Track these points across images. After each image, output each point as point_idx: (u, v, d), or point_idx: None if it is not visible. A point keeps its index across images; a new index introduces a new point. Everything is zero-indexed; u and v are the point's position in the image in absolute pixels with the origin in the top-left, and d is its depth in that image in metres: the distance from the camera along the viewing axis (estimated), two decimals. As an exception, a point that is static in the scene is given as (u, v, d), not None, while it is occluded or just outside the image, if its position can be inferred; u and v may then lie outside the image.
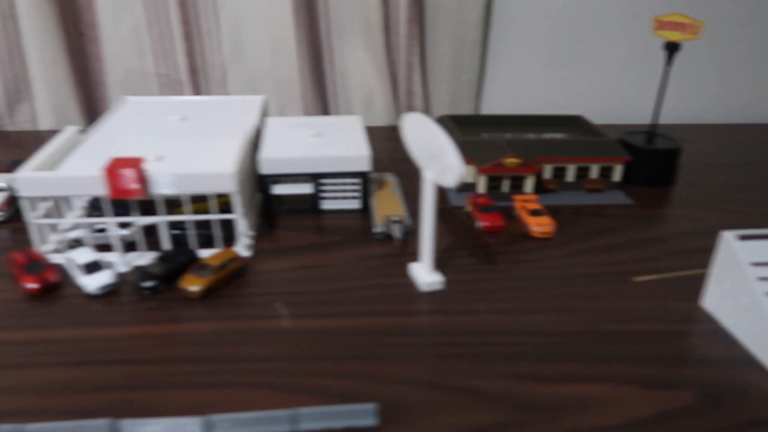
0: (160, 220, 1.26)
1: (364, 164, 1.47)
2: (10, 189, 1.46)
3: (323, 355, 1.02)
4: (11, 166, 1.60)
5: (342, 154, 1.47)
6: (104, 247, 1.28)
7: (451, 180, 1.02)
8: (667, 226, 1.50)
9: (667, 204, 1.63)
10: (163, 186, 1.22)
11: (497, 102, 2.24)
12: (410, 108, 2.14)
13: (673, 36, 1.57)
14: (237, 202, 1.27)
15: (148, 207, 1.26)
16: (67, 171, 1.27)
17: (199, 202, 1.32)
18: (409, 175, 1.71)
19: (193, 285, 1.15)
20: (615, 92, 2.26)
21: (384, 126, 2.12)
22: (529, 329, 1.10)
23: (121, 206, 1.25)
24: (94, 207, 1.35)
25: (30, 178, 1.20)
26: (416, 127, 1.14)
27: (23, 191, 1.20)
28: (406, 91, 2.11)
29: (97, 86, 2.06)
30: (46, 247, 1.29)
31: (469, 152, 1.56)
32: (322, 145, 1.52)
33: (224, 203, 1.32)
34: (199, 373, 0.97)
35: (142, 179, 1.19)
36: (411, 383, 0.96)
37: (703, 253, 1.26)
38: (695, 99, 2.32)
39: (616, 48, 2.20)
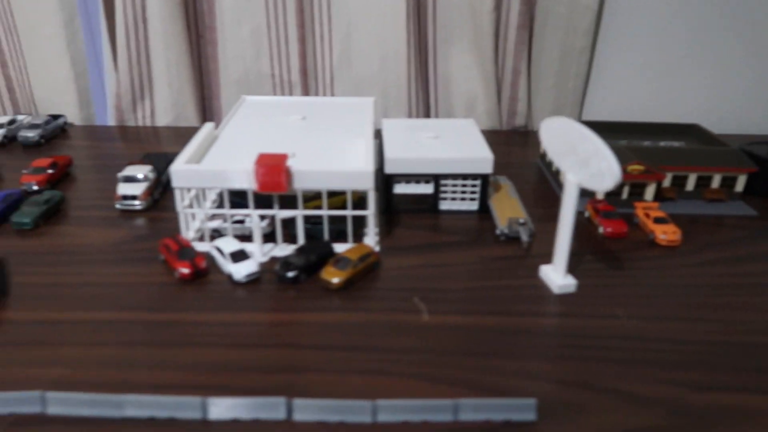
0: (299, 213, 1.32)
1: (486, 167, 1.49)
2: (149, 180, 1.56)
3: (469, 350, 1.04)
4: (145, 159, 1.71)
5: (464, 156, 1.50)
6: (242, 238, 1.36)
7: (606, 184, 1.03)
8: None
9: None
10: (304, 182, 1.28)
11: (599, 109, 2.22)
12: (512, 113, 2.15)
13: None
14: (372, 199, 1.31)
15: (272, 201, 1.32)
16: (214, 164, 1.34)
17: (314, 200, 1.37)
18: (514, 179, 1.73)
19: (334, 277, 1.20)
20: (732, 100, 2.19)
21: (486, 130, 2.14)
22: (671, 336, 1.09)
23: (257, 200, 1.31)
24: (229, 200, 1.42)
25: (184, 171, 1.28)
26: (561, 131, 1.15)
27: (177, 182, 1.28)
28: (509, 97, 2.12)
29: (211, 86, 2.17)
30: (190, 235, 1.37)
31: (588, 158, 1.55)
32: (442, 147, 1.55)
33: (342, 201, 1.37)
34: (357, 360, 1.01)
35: (287, 175, 1.25)
36: (561, 383, 0.97)
37: None
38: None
39: (732, 54, 2.13)
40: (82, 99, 2.16)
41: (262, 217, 1.37)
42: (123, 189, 1.52)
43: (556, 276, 1.22)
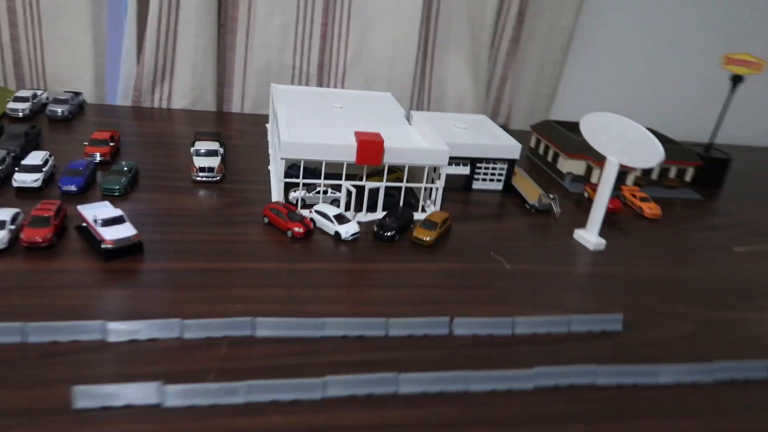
0: (382, 185, 1.55)
1: (515, 152, 1.82)
2: (221, 154, 1.70)
3: (544, 288, 1.35)
4: (200, 137, 1.83)
5: (496, 144, 1.81)
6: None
7: (653, 162, 1.40)
8: (730, 217, 1.94)
9: (720, 199, 2.07)
10: (392, 157, 1.51)
11: (564, 113, 2.65)
12: (495, 114, 2.51)
13: (740, 71, 2.02)
14: (443, 174, 1.58)
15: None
16: (325, 140, 1.53)
17: (378, 175, 1.61)
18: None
19: (426, 236, 1.46)
20: (676, 109, 2.72)
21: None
22: (680, 275, 1.48)
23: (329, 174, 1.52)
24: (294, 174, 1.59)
25: (293, 143, 1.46)
26: (603, 123, 1.51)
27: (285, 154, 1.46)
28: (495, 99, 2.48)
29: (225, 72, 2.29)
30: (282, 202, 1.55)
31: (582, 150, 1.94)
32: (475, 136, 1.85)
33: (396, 179, 1.62)
34: (476, 295, 1.28)
35: (382, 151, 1.48)
36: (620, 306, 1.31)
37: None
38: (752, 123, 2.82)
39: (679, 72, 2.67)
40: (98, 78, 2.19)
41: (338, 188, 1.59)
42: (200, 162, 1.65)
43: (591, 237, 1.57)
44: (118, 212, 1.28)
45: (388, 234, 1.46)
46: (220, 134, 1.89)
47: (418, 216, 1.57)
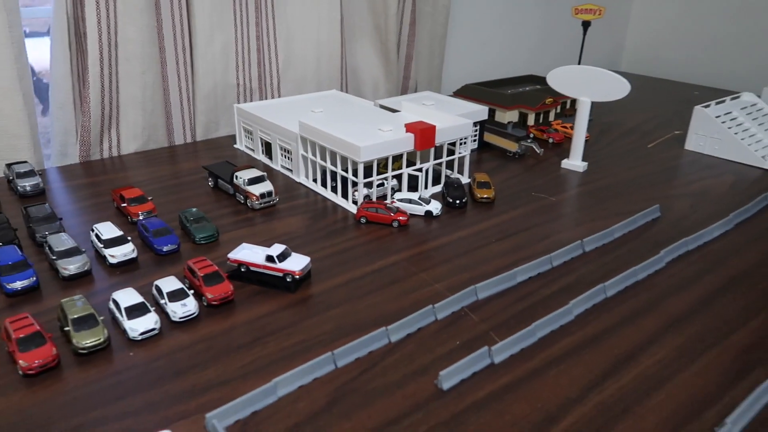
0: (430, 165, 1.79)
1: (483, 114, 2.17)
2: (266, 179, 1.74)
3: (575, 206, 1.77)
4: (211, 170, 1.82)
5: (468, 110, 2.14)
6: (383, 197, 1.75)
7: (621, 95, 1.87)
8: (628, 123, 2.59)
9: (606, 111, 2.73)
10: (439, 138, 1.75)
11: (453, 77, 3.08)
12: (405, 89, 2.82)
13: (587, 17, 2.64)
14: (469, 143, 1.87)
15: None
16: (385, 137, 1.69)
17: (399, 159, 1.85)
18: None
19: (488, 194, 1.75)
20: (544, 56, 3.32)
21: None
22: (645, 172, 2.02)
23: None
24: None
25: (370, 146, 1.61)
26: (569, 74, 1.95)
27: (364, 157, 1.60)
28: (404, 77, 2.79)
29: (168, 104, 2.20)
30: (360, 199, 1.69)
31: (515, 100, 2.40)
32: (448, 110, 2.15)
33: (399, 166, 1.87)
34: (562, 224, 1.64)
35: (435, 134, 1.72)
36: (650, 201, 1.79)
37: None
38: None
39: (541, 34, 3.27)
40: (35, 141, 1.93)
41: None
42: (258, 189, 1.68)
43: (576, 162, 2.03)
44: (283, 247, 1.33)
45: (461, 201, 1.72)
46: (227, 161, 1.89)
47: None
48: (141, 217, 1.58)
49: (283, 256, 1.31)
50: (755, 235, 1.60)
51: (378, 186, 1.75)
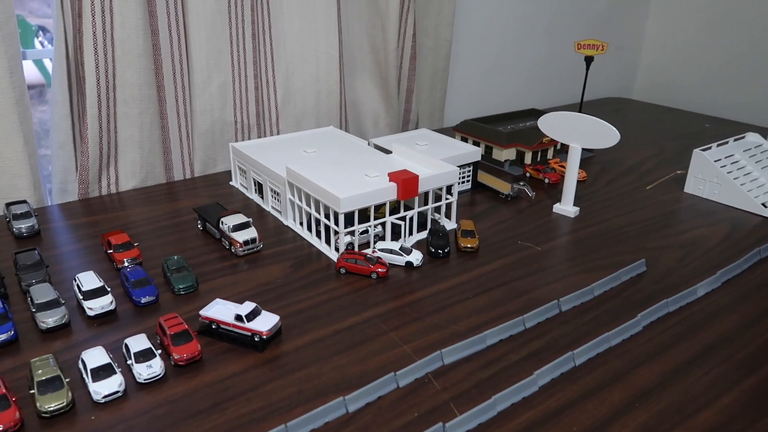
0: (415, 211, 1.79)
1: (476, 156, 2.17)
2: (252, 225, 1.76)
3: (569, 255, 1.75)
4: (201, 212, 1.85)
5: (462, 152, 2.14)
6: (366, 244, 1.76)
7: (611, 143, 1.84)
8: (622, 162, 2.56)
9: (600, 151, 2.70)
10: (422, 186, 1.75)
11: (456, 110, 3.08)
12: (406, 122, 2.83)
13: (590, 52, 2.61)
14: (455, 190, 1.87)
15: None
16: (365, 188, 1.69)
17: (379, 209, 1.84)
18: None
19: (471, 243, 1.75)
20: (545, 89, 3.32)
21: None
22: (637, 219, 1.99)
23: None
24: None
25: (350, 198, 1.62)
26: (559, 120, 1.93)
27: (344, 208, 1.62)
28: (404, 110, 2.79)
29: (166, 140, 2.25)
30: (342, 248, 1.70)
31: (512, 138, 2.38)
32: (440, 151, 2.15)
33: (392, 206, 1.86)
34: (542, 278, 1.62)
35: (418, 184, 1.72)
36: (624, 254, 1.76)
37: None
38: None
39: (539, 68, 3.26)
40: (35, 181, 1.99)
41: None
42: (242, 236, 1.70)
43: (568, 207, 2.01)
44: (253, 305, 1.35)
45: (443, 251, 1.72)
46: (218, 203, 1.92)
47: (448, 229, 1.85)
48: (126, 264, 1.61)
49: (252, 315, 1.32)
50: (742, 294, 1.56)
51: (362, 233, 1.76)
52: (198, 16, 2.12)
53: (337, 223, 1.67)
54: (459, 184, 2.19)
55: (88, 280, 1.46)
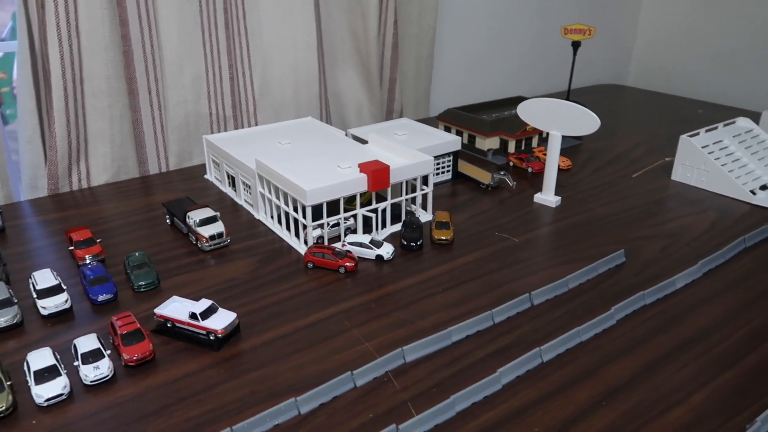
0: (388, 203, 1.73)
1: (456, 145, 2.11)
2: (219, 219, 1.71)
3: (551, 245, 1.69)
4: (168, 207, 1.80)
5: (440, 142, 2.08)
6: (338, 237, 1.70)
7: (591, 129, 1.78)
8: (611, 150, 2.49)
9: (587, 138, 2.63)
10: (395, 177, 1.70)
11: (441, 99, 3.01)
12: (390, 112, 2.77)
13: (577, 37, 2.54)
14: (431, 180, 1.81)
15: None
16: (334, 179, 1.64)
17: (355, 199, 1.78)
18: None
19: (446, 235, 1.69)
20: (532, 74, 3.24)
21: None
22: (609, 209, 1.93)
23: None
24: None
25: (317, 189, 1.57)
26: (539, 107, 1.87)
27: (311, 200, 1.56)
28: (388, 99, 2.73)
29: (139, 134, 2.20)
30: (310, 242, 1.64)
31: (496, 127, 2.32)
32: (419, 140, 2.09)
33: (369, 197, 1.81)
34: (518, 271, 1.57)
35: (389, 175, 1.66)
36: (606, 245, 1.70)
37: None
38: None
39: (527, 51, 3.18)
40: (2, 177, 1.95)
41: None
42: (208, 231, 1.65)
43: (549, 197, 1.94)
44: (209, 303, 1.30)
45: (417, 243, 1.66)
46: (188, 197, 1.87)
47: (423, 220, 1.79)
48: (87, 261, 1.57)
49: (208, 313, 1.27)
50: (724, 286, 1.50)
51: (332, 226, 1.71)
52: (167, 6, 2.06)
53: (305, 216, 1.62)
54: (438, 174, 2.14)
55: (44, 278, 1.42)
